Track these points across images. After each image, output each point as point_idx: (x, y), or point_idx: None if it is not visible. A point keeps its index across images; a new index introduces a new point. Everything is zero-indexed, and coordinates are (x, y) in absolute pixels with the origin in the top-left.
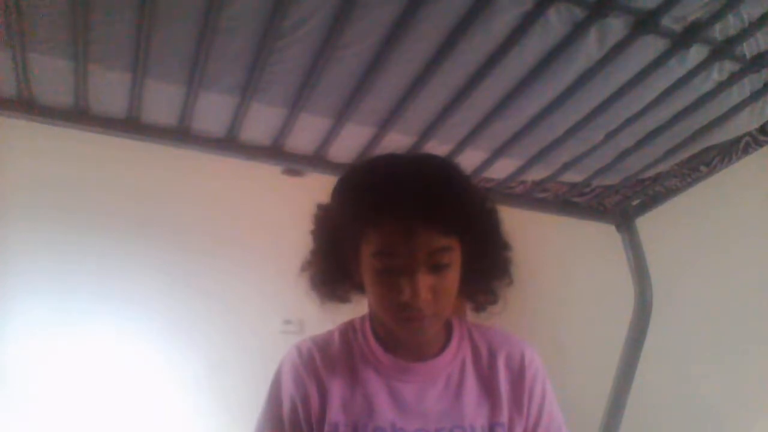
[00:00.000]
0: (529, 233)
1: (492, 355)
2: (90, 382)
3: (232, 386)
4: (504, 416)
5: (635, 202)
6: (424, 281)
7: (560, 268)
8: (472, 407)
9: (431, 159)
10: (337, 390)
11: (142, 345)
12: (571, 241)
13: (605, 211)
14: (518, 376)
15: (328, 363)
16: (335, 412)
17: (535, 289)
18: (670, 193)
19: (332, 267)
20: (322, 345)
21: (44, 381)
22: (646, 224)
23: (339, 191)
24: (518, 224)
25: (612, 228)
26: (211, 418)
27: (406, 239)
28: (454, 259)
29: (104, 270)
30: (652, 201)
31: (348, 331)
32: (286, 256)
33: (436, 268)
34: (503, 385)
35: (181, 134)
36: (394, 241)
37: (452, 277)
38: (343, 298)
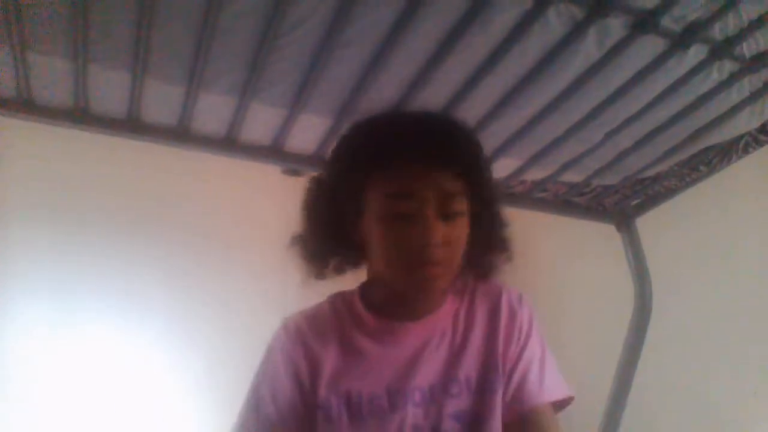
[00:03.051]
0: (529, 233)
1: (476, 306)
2: (90, 382)
3: (232, 386)
4: (499, 366)
5: (635, 202)
6: (437, 226)
7: (560, 268)
8: (467, 359)
9: (434, 112)
10: (329, 363)
11: (142, 345)
12: (570, 241)
13: (605, 210)
14: (493, 316)
15: (319, 334)
16: (328, 388)
17: (535, 288)
18: (670, 192)
19: (328, 232)
20: (312, 316)
21: (44, 380)
22: (646, 224)
23: (341, 145)
24: (518, 224)
25: (612, 228)
26: (211, 418)
27: (420, 179)
28: (464, 208)
29: (104, 270)
30: (651, 201)
31: (337, 300)
32: (286, 257)
33: (447, 217)
34: (480, 334)
35: (180, 134)
36: (408, 181)
37: (462, 228)
38: (337, 269)
